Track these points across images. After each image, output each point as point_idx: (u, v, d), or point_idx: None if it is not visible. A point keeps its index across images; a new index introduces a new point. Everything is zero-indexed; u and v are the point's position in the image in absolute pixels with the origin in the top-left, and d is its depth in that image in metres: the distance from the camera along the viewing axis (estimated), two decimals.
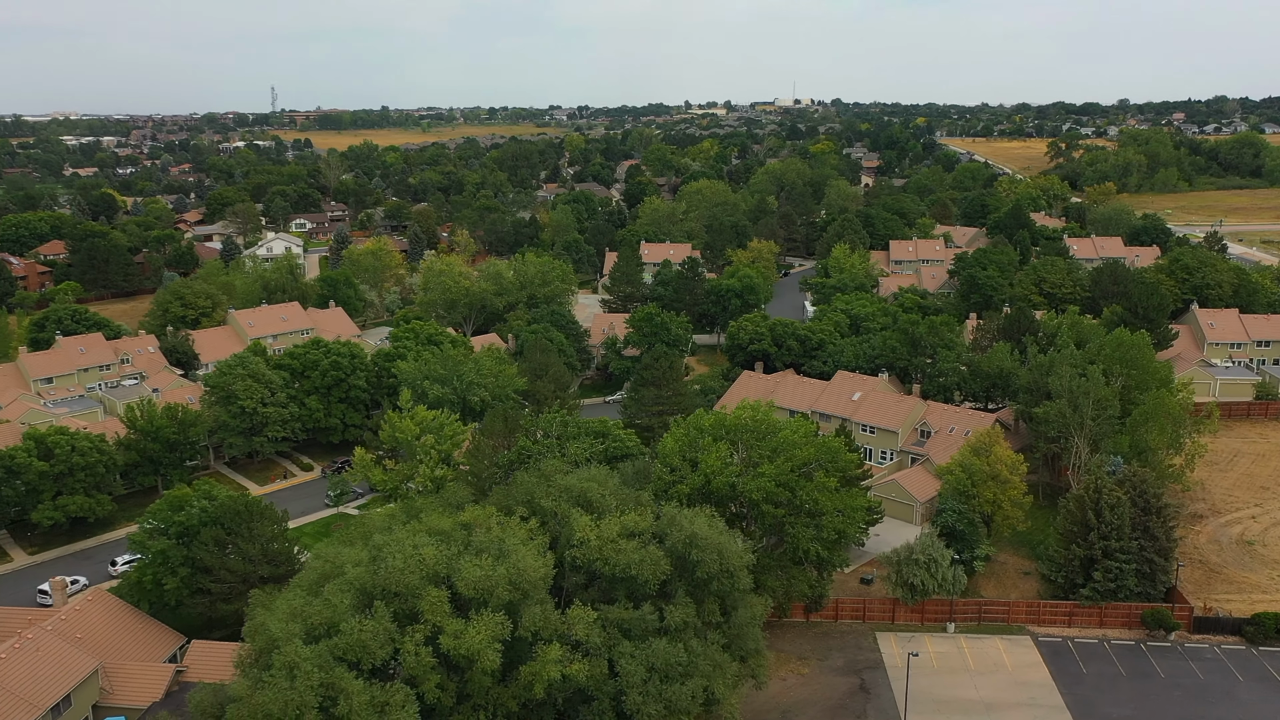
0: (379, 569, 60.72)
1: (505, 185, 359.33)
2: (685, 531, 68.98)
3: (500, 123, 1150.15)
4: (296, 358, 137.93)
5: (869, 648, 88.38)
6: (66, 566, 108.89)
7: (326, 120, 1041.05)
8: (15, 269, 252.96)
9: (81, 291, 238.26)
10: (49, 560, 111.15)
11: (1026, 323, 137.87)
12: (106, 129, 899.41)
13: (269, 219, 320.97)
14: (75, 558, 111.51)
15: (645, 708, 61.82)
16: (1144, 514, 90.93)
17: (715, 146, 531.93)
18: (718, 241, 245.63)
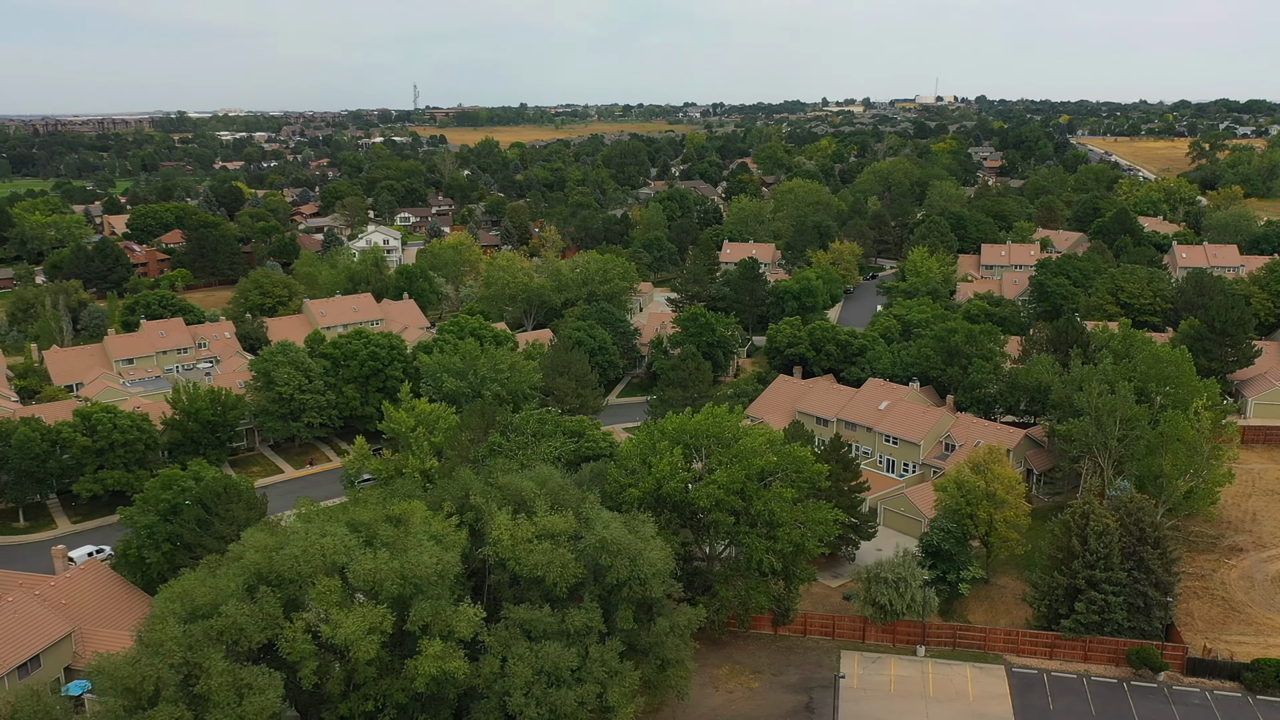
0: (275, 556, 62.66)
1: (608, 182, 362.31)
2: (597, 535, 68.48)
3: (634, 119, 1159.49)
4: (339, 347, 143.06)
5: (829, 666, 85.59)
6: (103, 536, 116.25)
7: (464, 117, 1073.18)
8: (136, 256, 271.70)
9: (191, 278, 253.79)
10: (89, 529, 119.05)
11: (1074, 334, 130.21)
12: (260, 125, 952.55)
13: (376, 212, 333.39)
14: (112, 528, 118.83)
15: (527, 710, 61.79)
16: (1138, 543, 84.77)
17: (833, 145, 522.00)
18: (799, 242, 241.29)
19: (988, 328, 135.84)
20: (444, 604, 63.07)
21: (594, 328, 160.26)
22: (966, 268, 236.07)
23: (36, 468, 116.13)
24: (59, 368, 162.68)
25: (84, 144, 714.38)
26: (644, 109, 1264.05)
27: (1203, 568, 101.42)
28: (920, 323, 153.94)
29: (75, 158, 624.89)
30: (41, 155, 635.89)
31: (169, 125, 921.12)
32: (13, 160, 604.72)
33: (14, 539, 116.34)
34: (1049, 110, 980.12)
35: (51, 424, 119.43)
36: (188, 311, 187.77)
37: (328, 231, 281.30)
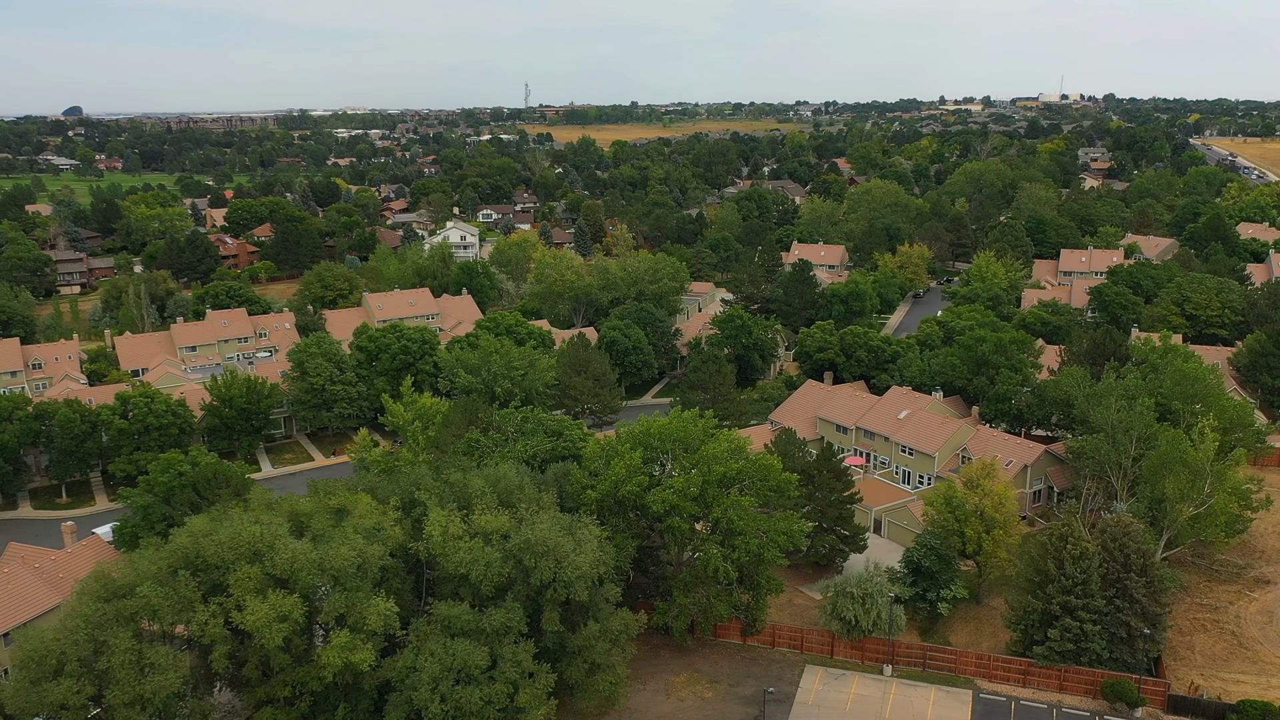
0: (202, 541, 64.90)
1: (691, 181, 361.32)
2: (523, 536, 68.62)
3: (743, 118, 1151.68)
4: (373, 340, 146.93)
5: (789, 680, 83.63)
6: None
7: (573, 115, 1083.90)
8: (228, 248, 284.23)
9: (275, 270, 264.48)
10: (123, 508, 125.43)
11: (1111, 346, 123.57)
12: (377, 123, 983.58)
13: (460, 208, 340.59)
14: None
15: (431, 706, 62.41)
16: (1123, 570, 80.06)
17: (934, 144, 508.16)
18: (866, 244, 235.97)
19: (1020, 337, 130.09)
20: (359, 596, 64.19)
21: (630, 327, 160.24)
22: (1044, 273, 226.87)
23: (76, 447, 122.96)
24: (127, 353, 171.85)
25: (211, 140, 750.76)
26: (754, 107, 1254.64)
27: (1219, 599, 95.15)
28: (962, 330, 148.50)
29: (200, 153, 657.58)
30: (170, 151, 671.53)
31: (291, 123, 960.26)
32: (143, 155, 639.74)
33: (55, 513, 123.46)
34: (1179, 109, 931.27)
35: (93, 407, 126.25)
36: (253, 302, 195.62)
37: (406, 227, 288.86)
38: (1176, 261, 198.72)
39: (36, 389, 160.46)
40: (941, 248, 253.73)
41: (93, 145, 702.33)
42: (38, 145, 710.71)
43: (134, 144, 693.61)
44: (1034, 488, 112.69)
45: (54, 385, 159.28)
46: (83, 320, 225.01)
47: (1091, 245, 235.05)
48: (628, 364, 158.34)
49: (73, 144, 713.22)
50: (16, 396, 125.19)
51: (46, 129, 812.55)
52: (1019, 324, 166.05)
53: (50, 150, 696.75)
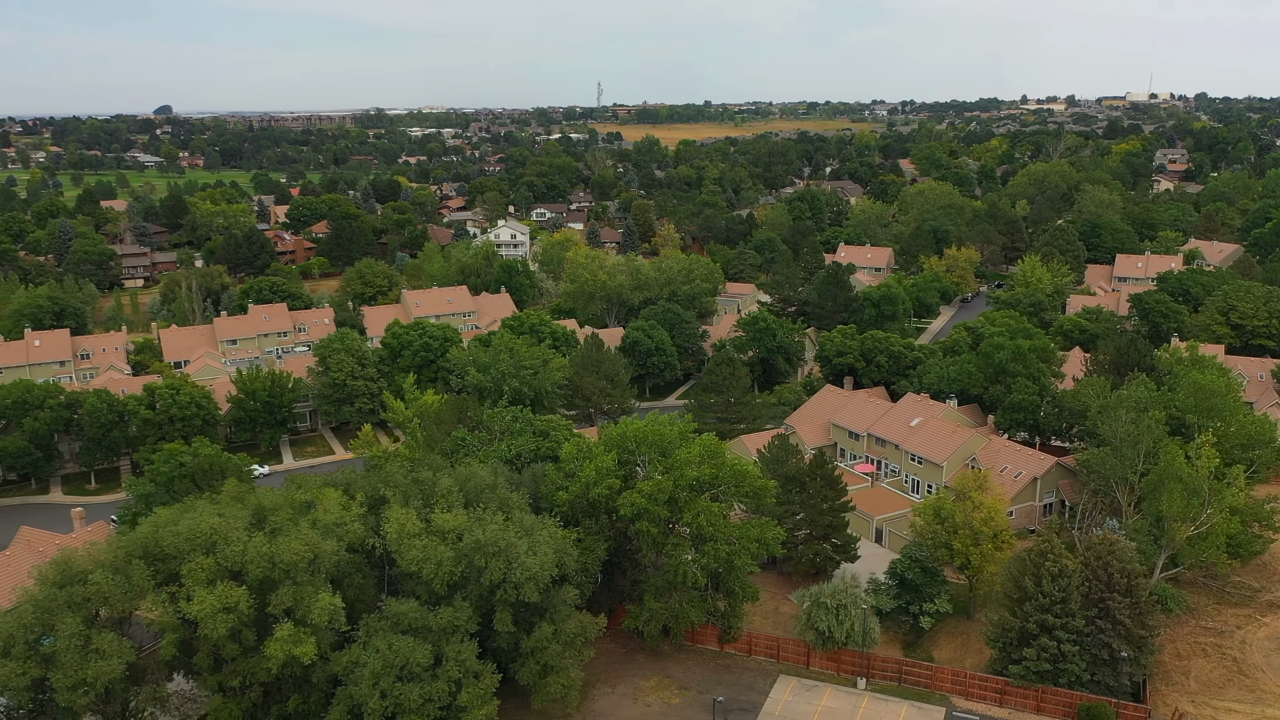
0: (161, 531, 66.70)
1: (746, 181, 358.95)
2: (474, 536, 68.99)
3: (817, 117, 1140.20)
4: (396, 337, 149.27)
5: (760, 689, 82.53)
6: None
7: (645, 114, 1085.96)
8: (286, 244, 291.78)
9: (328, 266, 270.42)
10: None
11: (1135, 356, 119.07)
12: (450, 122, 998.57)
13: (515, 207, 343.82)
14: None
15: (370, 701, 63.13)
16: (1105, 590, 77.14)
17: (1004, 145, 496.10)
18: (912, 246, 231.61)
19: (1041, 344, 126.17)
20: (308, 590, 65.23)
21: (654, 328, 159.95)
22: (1097, 279, 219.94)
23: (103, 436, 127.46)
24: (171, 345, 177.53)
25: (289, 139, 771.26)
26: (829, 107, 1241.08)
27: (1226, 623, 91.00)
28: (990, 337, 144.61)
29: (277, 151, 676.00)
30: (249, 149, 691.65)
31: (368, 122, 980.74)
32: (223, 153, 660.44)
33: (84, 499, 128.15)
34: (1275, 109, 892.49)
35: (122, 397, 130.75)
36: (295, 298, 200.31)
37: (458, 225, 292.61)
38: (1236, 269, 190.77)
39: (84, 378, 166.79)
40: (994, 251, 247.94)
41: (177, 143, 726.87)
42: (126, 143, 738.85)
43: (216, 142, 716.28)
44: (1044, 501, 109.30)
45: (99, 375, 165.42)
46: (142, 312, 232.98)
47: (1149, 250, 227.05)
48: (650, 365, 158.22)
49: (159, 142, 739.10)
50: (49, 385, 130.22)
51: (136, 127, 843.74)
52: (1057, 331, 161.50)
53: (138, 148, 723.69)
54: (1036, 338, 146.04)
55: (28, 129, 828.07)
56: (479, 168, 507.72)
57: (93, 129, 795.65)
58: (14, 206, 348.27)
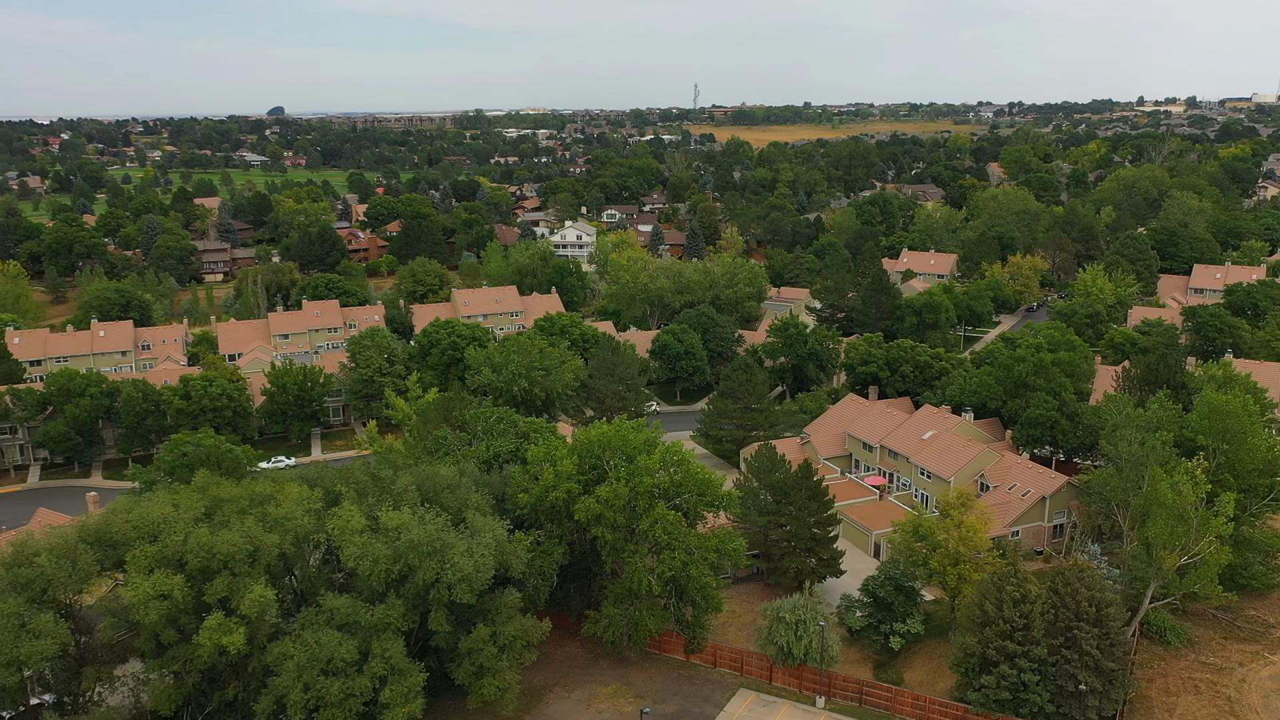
0: (112, 519, 69.38)
1: (821, 184, 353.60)
2: (410, 534, 69.71)
3: (919, 119, 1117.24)
4: (427, 335, 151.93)
5: (716, 703, 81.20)
6: None
7: (741, 115, 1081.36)
8: (360, 242, 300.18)
9: (396, 264, 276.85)
10: None
11: (1165, 372, 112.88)
12: (547, 123, 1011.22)
13: (586, 208, 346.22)
14: None
15: (292, 693, 64.37)
16: (1073, 618, 73.41)
17: (1102, 148, 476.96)
18: (975, 253, 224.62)
19: (1066, 357, 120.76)
20: (242, 581, 66.89)
21: (686, 332, 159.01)
22: (1172, 290, 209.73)
23: (138, 424, 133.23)
24: (226, 338, 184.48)
25: (389, 139, 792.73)
26: (931, 108, 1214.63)
27: (1229, 658, 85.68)
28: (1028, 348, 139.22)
29: (376, 151, 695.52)
30: (350, 148, 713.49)
31: (466, 122, 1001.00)
32: (324, 153, 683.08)
33: (122, 484, 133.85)
34: None
35: (158, 387, 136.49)
36: (350, 295, 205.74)
37: (524, 225, 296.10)
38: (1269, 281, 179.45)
39: (144, 368, 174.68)
40: (1065, 259, 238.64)
41: (283, 143, 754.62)
42: (235, 143, 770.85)
43: (319, 142, 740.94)
44: (1053, 521, 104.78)
45: (158, 365, 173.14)
46: (216, 306, 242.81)
47: (1230, 260, 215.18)
48: (679, 369, 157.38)
49: (266, 142, 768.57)
50: (91, 374, 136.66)
51: (247, 128, 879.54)
52: (1107, 344, 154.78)
53: (246, 147, 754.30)
54: (1079, 350, 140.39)
55: (148, 129, 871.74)
56: (564, 169, 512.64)
57: (206, 129, 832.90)
58: (117, 203, 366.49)
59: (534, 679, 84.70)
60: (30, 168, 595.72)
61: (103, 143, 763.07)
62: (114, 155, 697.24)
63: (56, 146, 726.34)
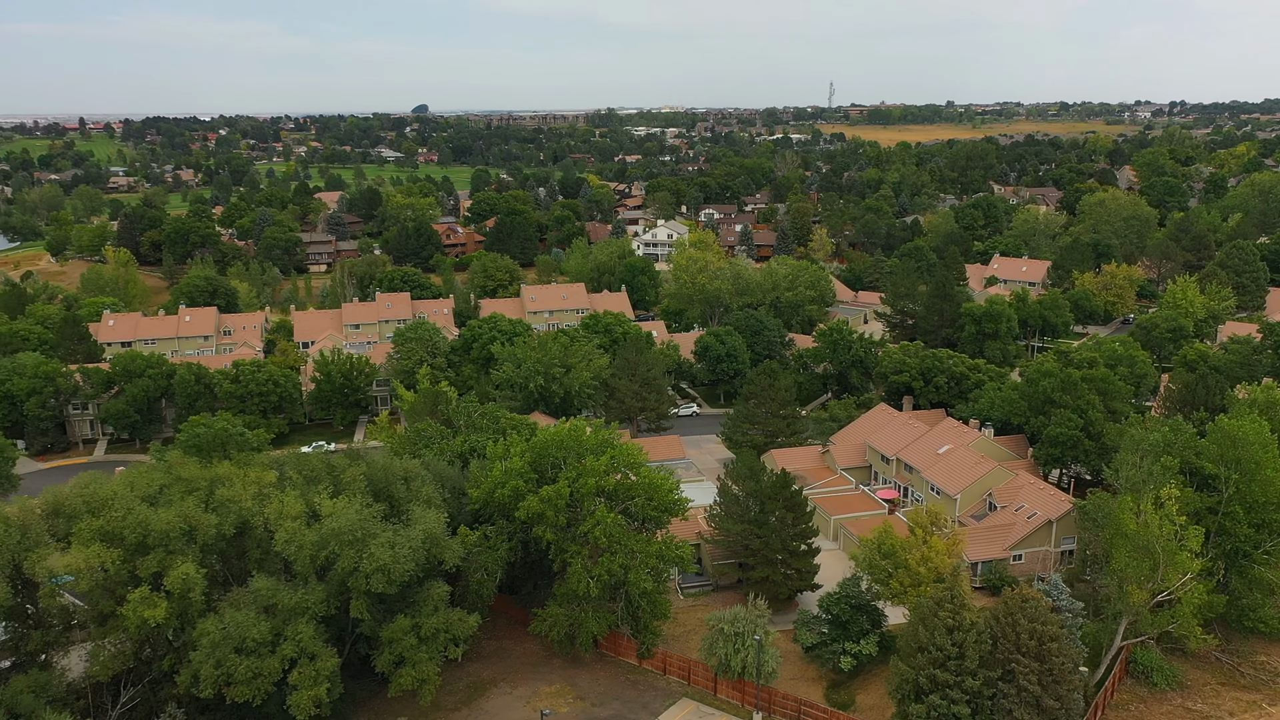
0: (67, 493, 73.82)
1: (929, 186, 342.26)
2: (331, 523, 71.50)
3: (1069, 119, 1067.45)
4: (470, 329, 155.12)
5: (653, 710, 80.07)
6: None
7: (877, 115, 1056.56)
8: (458, 237, 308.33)
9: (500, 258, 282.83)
10: None
11: (1203, 393, 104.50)
12: (678, 121, 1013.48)
13: (686, 206, 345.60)
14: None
15: (204, 669, 67.05)
16: (1013, 650, 69.09)
17: (1252, 150, 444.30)
18: (1067, 260, 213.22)
19: (1100, 374, 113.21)
20: (174, 559, 70.07)
21: (730, 334, 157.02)
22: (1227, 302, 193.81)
23: (190, 404, 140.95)
24: (302, 326, 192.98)
25: (519, 136, 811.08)
26: (1083, 107, 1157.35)
27: (1220, 706, 79.02)
28: (1082, 363, 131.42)
29: (505, 148, 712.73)
30: (479, 145, 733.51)
31: (598, 120, 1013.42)
32: (455, 150, 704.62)
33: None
34: None
35: (211, 371, 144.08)
36: (423, 288, 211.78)
37: (616, 223, 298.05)
38: None
39: (224, 352, 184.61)
40: (1171, 269, 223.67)
41: (418, 140, 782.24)
42: (375, 139, 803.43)
43: (452, 139, 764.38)
44: (1061, 547, 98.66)
45: (235, 350, 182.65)
46: (314, 296, 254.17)
47: None
48: (719, 371, 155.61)
49: (404, 139, 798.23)
50: (151, 356, 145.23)
51: (389, 125, 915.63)
52: (1180, 361, 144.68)
53: (385, 144, 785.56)
54: (1139, 366, 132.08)
55: (298, 125, 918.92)
56: (675, 168, 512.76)
57: (350, 126, 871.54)
58: (244, 195, 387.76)
59: (484, 673, 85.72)
60: (187, 161, 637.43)
61: (255, 138, 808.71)
62: (263, 150, 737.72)
63: (213, 142, 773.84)
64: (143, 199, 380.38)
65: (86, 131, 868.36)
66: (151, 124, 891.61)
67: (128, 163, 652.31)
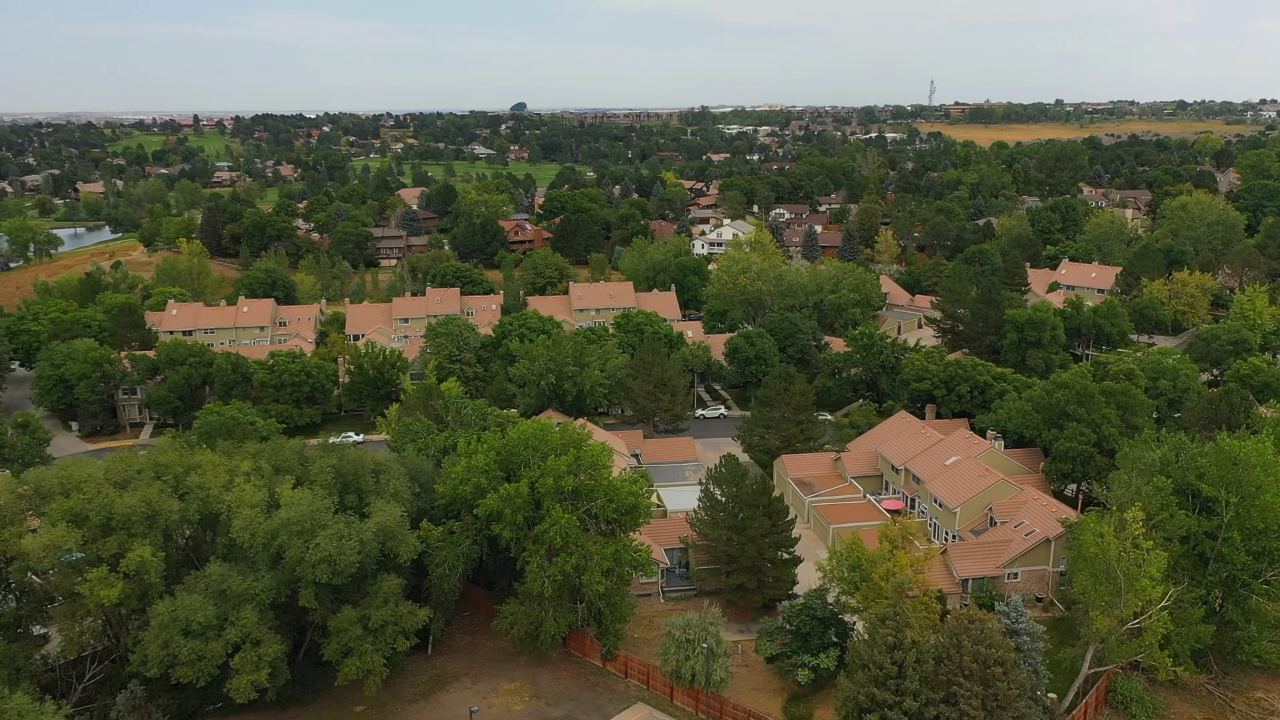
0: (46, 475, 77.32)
1: (1009, 188, 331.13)
2: (282, 513, 73.12)
3: (1187, 118, 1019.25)
4: (502, 325, 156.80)
5: (606, 713, 79.55)
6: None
7: (979, 114, 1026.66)
8: (526, 234, 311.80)
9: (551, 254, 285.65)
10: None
11: (1226, 410, 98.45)
12: (772, 119, 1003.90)
13: (757, 206, 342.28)
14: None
15: (151, 648, 69.43)
16: (956, 672, 66.43)
17: None
18: (1135, 267, 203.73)
19: (1121, 387, 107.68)
20: (137, 541, 72.72)
21: (761, 337, 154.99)
22: None
23: (227, 392, 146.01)
24: (354, 319, 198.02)
25: (610, 134, 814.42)
26: (1201, 106, 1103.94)
27: None
28: (1117, 375, 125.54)
29: (594, 146, 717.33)
30: (569, 143, 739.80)
31: (692, 119, 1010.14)
32: (544, 148, 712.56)
33: None
34: None
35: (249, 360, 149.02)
36: (474, 283, 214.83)
37: (681, 222, 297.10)
38: None
39: (279, 342, 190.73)
40: (1255, 278, 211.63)
41: (510, 138, 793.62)
42: (469, 136, 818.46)
43: (544, 137, 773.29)
44: (1060, 566, 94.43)
45: (288, 341, 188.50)
46: (380, 289, 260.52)
47: None
48: (748, 373, 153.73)
49: (496, 136, 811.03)
50: (194, 345, 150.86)
51: (485, 122, 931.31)
52: (1233, 376, 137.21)
53: (479, 141, 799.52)
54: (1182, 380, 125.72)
55: (398, 123, 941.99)
56: (767, 166, 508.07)
57: (447, 123, 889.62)
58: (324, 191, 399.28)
59: (449, 667, 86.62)
60: (288, 157, 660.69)
61: (356, 135, 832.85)
62: (362, 147, 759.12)
63: (316, 138, 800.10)
64: (231, 193, 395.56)
65: (200, 128, 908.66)
66: (260, 121, 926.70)
67: (233, 158, 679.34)
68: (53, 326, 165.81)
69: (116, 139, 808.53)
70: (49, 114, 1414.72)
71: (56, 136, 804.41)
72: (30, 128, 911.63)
